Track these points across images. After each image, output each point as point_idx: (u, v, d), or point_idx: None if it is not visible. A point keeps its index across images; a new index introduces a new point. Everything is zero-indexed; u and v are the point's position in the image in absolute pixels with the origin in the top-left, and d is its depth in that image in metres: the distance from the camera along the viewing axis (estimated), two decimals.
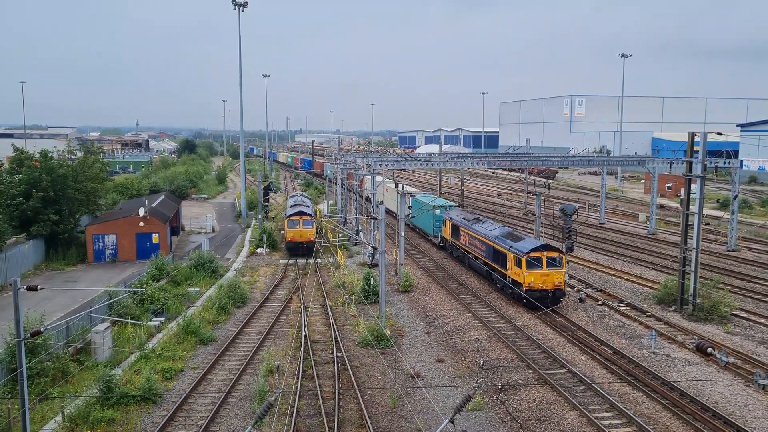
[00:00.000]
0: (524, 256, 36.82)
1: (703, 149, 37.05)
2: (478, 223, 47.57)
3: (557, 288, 37.37)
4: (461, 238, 49.26)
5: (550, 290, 37.19)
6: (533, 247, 37.37)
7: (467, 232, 47.59)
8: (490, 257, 42.62)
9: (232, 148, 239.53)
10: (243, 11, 74.62)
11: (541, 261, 36.73)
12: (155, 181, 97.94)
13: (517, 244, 38.79)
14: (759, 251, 55.41)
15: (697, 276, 37.27)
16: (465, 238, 48.23)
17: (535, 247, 37.31)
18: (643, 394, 26.29)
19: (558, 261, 37.23)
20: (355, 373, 29.08)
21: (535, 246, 37.57)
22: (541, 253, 37.02)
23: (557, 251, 37.66)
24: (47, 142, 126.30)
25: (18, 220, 49.83)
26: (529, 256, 36.73)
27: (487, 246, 43.22)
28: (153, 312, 37.03)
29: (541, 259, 36.78)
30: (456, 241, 51.02)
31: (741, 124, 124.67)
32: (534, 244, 38.24)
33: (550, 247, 38.03)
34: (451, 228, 51.96)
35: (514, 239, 40.23)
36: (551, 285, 37.10)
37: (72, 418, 23.86)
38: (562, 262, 37.44)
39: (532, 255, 36.77)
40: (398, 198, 48.20)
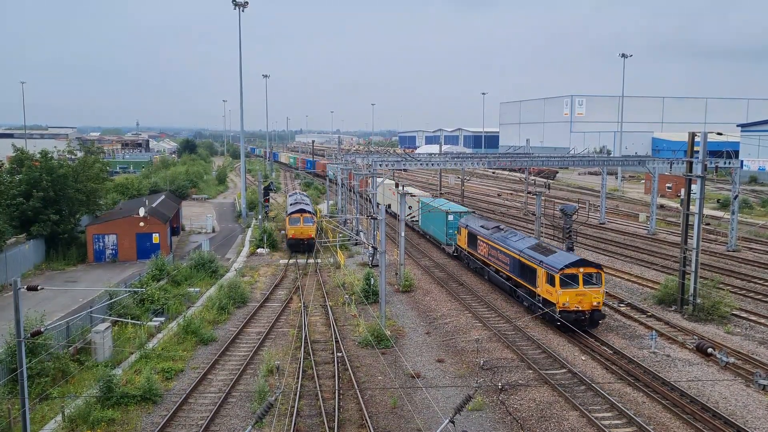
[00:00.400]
0: (558, 273, 32.74)
1: (703, 149, 37.04)
2: (499, 232, 43.40)
3: (595, 309, 33.07)
4: (480, 248, 45.23)
5: (587, 311, 32.93)
6: (568, 262, 33.27)
7: (487, 242, 43.54)
8: (516, 272, 38.52)
9: (232, 148, 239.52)
10: (243, 11, 74.66)
11: (576, 278, 32.69)
12: (155, 181, 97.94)
13: (548, 259, 34.66)
14: (759, 251, 55.41)
15: (697, 276, 37.26)
16: (484, 249, 44.32)
17: (571, 263, 33.18)
18: (643, 395, 26.29)
19: (596, 278, 33.21)
20: (356, 373, 29.09)
21: (570, 261, 33.40)
22: (576, 269, 32.88)
23: (595, 267, 33.74)
24: (47, 142, 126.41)
25: (18, 220, 49.84)
26: (563, 272, 32.65)
27: (511, 259, 39.05)
28: (153, 312, 37.04)
29: (576, 276, 32.73)
30: (473, 252, 46.97)
31: (741, 124, 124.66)
32: (568, 258, 34.12)
33: (586, 262, 34.05)
34: (468, 237, 47.86)
35: (545, 252, 36.00)
36: (588, 305, 32.84)
37: (72, 418, 23.86)
38: (600, 279, 33.34)
39: (567, 271, 32.71)
40: (398, 197, 48.11)
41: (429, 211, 58.20)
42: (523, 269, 37.45)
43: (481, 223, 47.32)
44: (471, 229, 47.40)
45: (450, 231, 53.50)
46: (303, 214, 57.41)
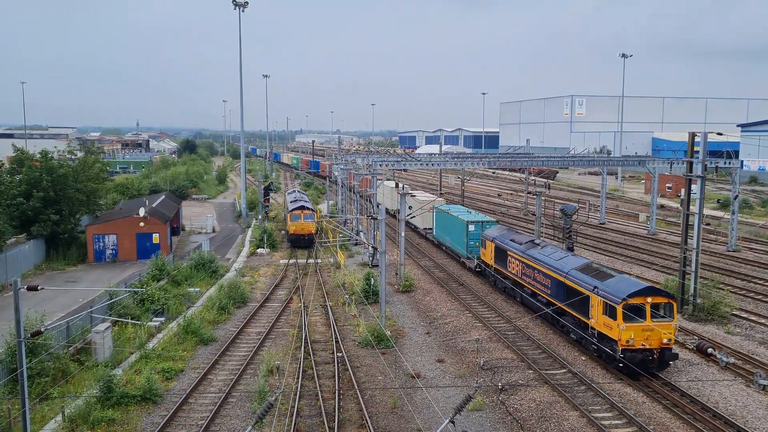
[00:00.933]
0: (620, 304, 27.35)
1: (703, 149, 37.03)
2: (535, 247, 37.75)
3: (665, 347, 27.62)
4: (510, 265, 39.73)
5: (656, 350, 27.53)
6: (633, 290, 27.89)
7: (520, 259, 38.18)
8: (559, 296, 33.05)
9: (232, 148, 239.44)
10: (243, 11, 74.66)
11: (643, 310, 27.42)
12: (155, 181, 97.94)
13: (606, 285, 29.16)
14: (759, 251, 55.40)
15: (697, 276, 37.25)
16: (516, 267, 38.85)
17: (636, 291, 27.82)
18: (643, 395, 26.28)
19: (667, 309, 27.94)
20: (356, 373, 29.09)
21: (636, 289, 28.02)
22: (643, 299, 27.59)
23: (666, 296, 28.34)
24: (47, 142, 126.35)
25: (18, 220, 49.83)
26: (627, 303, 27.41)
27: (554, 282, 33.62)
28: (153, 312, 37.04)
29: (643, 307, 27.46)
30: (502, 269, 41.30)
31: (741, 124, 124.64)
32: (632, 285, 28.72)
33: (655, 290, 28.62)
34: (495, 252, 42.38)
35: (599, 276, 30.47)
36: (657, 343, 27.45)
37: (72, 418, 23.86)
38: (672, 311, 28.00)
39: (632, 302, 27.50)
40: (398, 197, 48.07)
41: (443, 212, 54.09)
42: (569, 294, 31.82)
43: (510, 236, 41.69)
44: (499, 243, 41.73)
45: (471, 243, 47.59)
46: (304, 210, 59.45)
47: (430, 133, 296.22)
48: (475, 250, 47.41)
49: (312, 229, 59.06)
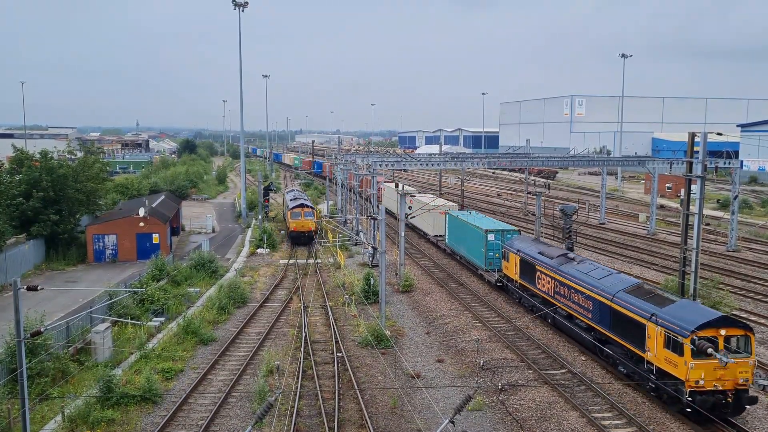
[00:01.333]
0: (689, 337, 22.75)
1: (703, 149, 37.03)
2: (570, 263, 32.93)
3: (741, 388, 23.16)
4: (540, 282, 34.96)
5: (730, 391, 23.10)
6: (705, 320, 23.16)
7: (551, 275, 33.50)
8: (604, 322, 28.45)
9: (232, 148, 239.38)
10: (243, 11, 74.66)
11: (715, 344, 22.77)
12: (155, 182, 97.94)
13: (667, 312, 24.50)
14: (759, 251, 55.42)
15: (697, 276, 37.24)
16: (547, 284, 34.10)
17: (708, 321, 23.10)
18: (643, 395, 26.27)
19: (744, 343, 23.36)
20: (355, 374, 29.09)
21: (708, 319, 23.26)
22: (716, 331, 22.94)
23: (742, 327, 23.60)
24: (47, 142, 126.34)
25: (18, 220, 49.84)
26: (697, 335, 22.69)
27: (596, 304, 28.95)
28: (153, 312, 37.04)
29: (716, 340, 22.82)
30: (529, 285, 36.65)
31: (741, 124, 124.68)
32: (703, 314, 23.93)
33: (730, 320, 23.78)
34: (520, 265, 37.76)
35: (656, 300, 25.88)
36: (731, 384, 23.01)
37: (72, 419, 23.86)
38: (749, 345, 23.38)
39: (703, 333, 22.78)
40: (398, 198, 47.97)
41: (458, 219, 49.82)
42: (617, 321, 27.35)
43: (538, 248, 37.17)
44: (525, 256, 37.19)
45: (490, 254, 43.48)
46: (304, 208, 62.01)
47: (430, 133, 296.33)
48: (495, 262, 43.09)
49: (312, 226, 60.94)
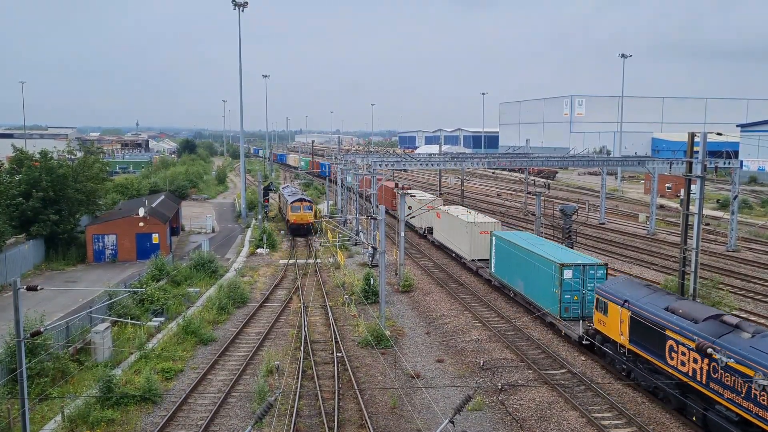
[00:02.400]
0: None
1: (703, 149, 37.01)
2: (736, 335, 21.63)
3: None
4: (675, 357, 23.88)
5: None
6: None
7: (697, 351, 22.40)
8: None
9: (232, 148, 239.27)
10: (243, 11, 74.68)
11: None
12: (155, 182, 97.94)
13: None
14: (759, 251, 55.43)
15: (697, 276, 37.19)
16: (690, 363, 23.01)
17: None
18: (643, 394, 26.27)
19: None
20: (355, 374, 29.08)
21: None
22: None
23: None
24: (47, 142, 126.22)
25: (18, 220, 49.83)
26: None
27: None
28: (153, 312, 37.03)
29: None
30: (651, 357, 25.36)
31: (741, 124, 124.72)
32: None
33: None
34: (631, 324, 26.53)
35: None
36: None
37: (72, 419, 23.86)
38: None
39: None
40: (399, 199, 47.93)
41: (511, 244, 39.08)
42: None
43: (663, 302, 25.77)
44: (641, 312, 25.92)
45: (567, 296, 32.49)
46: (303, 202, 66.64)
47: (430, 133, 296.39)
48: (573, 307, 32.67)
49: (310, 218, 65.50)
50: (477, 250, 46.99)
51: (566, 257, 34.46)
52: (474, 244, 47.13)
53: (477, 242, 46.80)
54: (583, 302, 32.73)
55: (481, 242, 46.24)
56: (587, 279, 32.44)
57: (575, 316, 32.71)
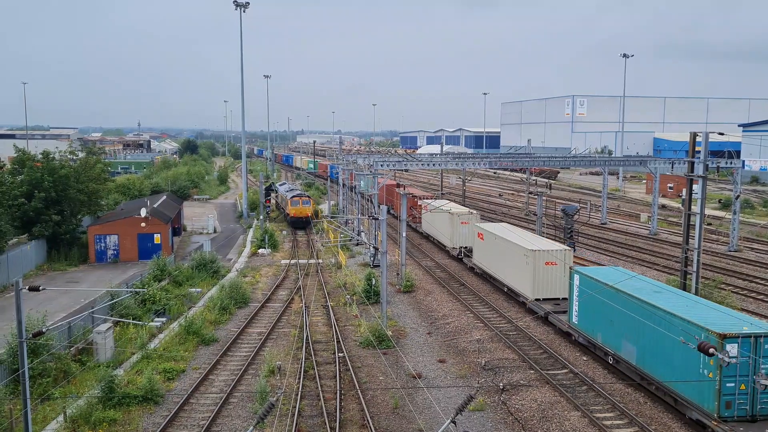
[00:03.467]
0: None
1: (704, 149, 36.99)
2: None
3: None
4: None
5: None
6: None
7: None
8: None
9: (233, 148, 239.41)
10: (245, 12, 74.70)
11: None
12: (157, 182, 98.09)
13: None
14: (761, 251, 55.36)
15: (699, 276, 37.19)
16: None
17: None
18: (644, 395, 26.24)
19: None
20: (357, 374, 29.09)
21: None
22: None
23: None
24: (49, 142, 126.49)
25: (20, 221, 49.89)
26: None
27: None
28: (155, 312, 37.06)
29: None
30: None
31: (743, 124, 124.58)
32: None
33: None
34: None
35: None
36: None
37: (74, 419, 23.89)
38: None
39: None
40: (401, 200, 47.95)
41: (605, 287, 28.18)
42: None
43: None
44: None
45: (730, 384, 21.80)
46: (302, 197, 72.00)
47: (432, 133, 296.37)
48: (738, 400, 21.89)
49: (309, 212, 70.51)
50: (542, 287, 36.65)
51: (721, 320, 22.94)
52: (538, 279, 36.56)
53: (542, 276, 36.51)
54: (754, 394, 21.85)
55: (549, 276, 36.41)
56: (762, 357, 21.75)
57: (742, 414, 21.86)
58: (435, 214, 56.24)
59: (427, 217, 59.37)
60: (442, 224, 54.88)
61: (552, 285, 36.47)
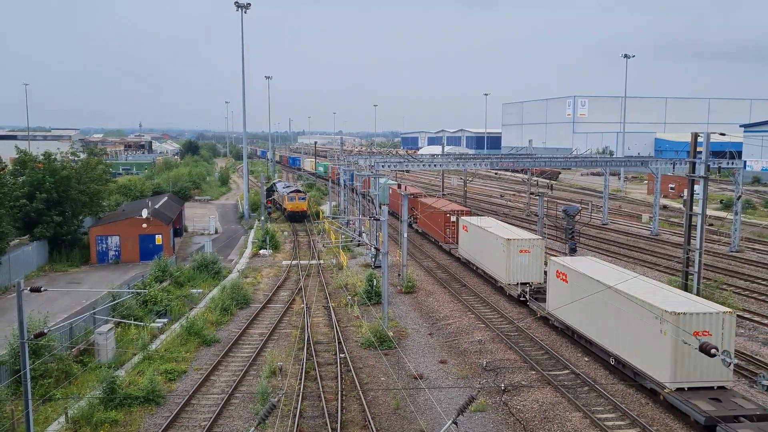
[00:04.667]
0: None
1: (706, 150, 36.99)
2: None
3: None
4: None
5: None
6: None
7: None
8: None
9: (234, 149, 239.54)
10: (246, 13, 74.73)
11: None
12: (158, 183, 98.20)
13: None
14: (762, 252, 55.30)
15: (700, 277, 37.18)
16: None
17: None
18: (646, 395, 26.22)
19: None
20: (358, 375, 29.09)
21: None
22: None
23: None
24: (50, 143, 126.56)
25: (21, 222, 49.94)
26: None
27: None
28: (156, 313, 37.09)
29: None
30: None
31: (744, 124, 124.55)
32: None
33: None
34: None
35: None
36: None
37: (75, 420, 23.92)
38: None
39: None
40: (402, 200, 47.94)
41: None
42: None
43: None
44: None
45: None
46: (298, 193, 78.48)
47: (433, 134, 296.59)
48: None
49: (304, 207, 76.80)
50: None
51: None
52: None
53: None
54: None
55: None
56: None
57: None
58: (478, 236, 45.72)
59: (467, 240, 48.58)
60: (490, 250, 43.24)
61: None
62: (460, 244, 50.30)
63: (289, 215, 77.29)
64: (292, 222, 76.11)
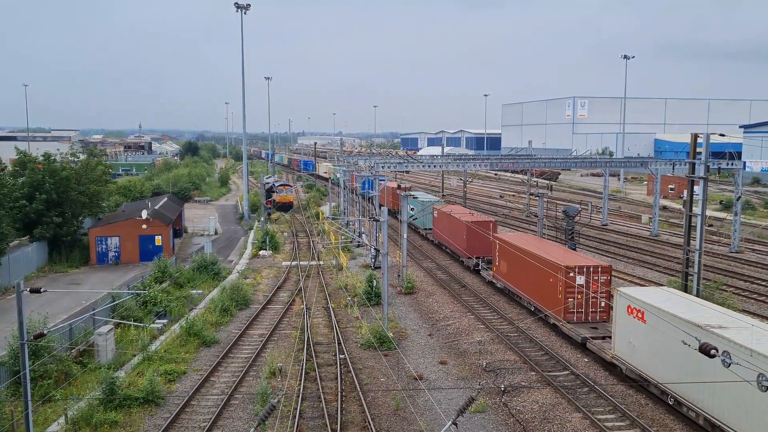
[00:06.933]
0: None
1: (705, 151, 36.98)
2: None
3: None
4: None
5: None
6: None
7: None
8: None
9: (234, 150, 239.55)
10: (245, 14, 74.74)
11: None
12: (158, 184, 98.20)
13: None
14: (762, 252, 55.31)
15: (700, 278, 37.14)
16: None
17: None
18: (646, 396, 26.21)
19: None
20: (358, 375, 29.08)
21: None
22: None
23: None
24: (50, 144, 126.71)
25: (21, 223, 49.93)
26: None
27: None
28: (156, 314, 37.08)
29: None
30: None
31: (744, 125, 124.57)
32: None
33: None
34: None
35: None
36: None
37: (75, 421, 23.90)
38: None
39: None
40: (401, 200, 47.94)
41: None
42: None
43: None
44: None
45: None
46: (286, 187, 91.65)
47: (433, 134, 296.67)
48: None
49: (291, 198, 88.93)
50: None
51: None
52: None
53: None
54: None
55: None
56: None
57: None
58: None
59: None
60: None
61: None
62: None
63: (278, 206, 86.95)
64: (280, 211, 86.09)
